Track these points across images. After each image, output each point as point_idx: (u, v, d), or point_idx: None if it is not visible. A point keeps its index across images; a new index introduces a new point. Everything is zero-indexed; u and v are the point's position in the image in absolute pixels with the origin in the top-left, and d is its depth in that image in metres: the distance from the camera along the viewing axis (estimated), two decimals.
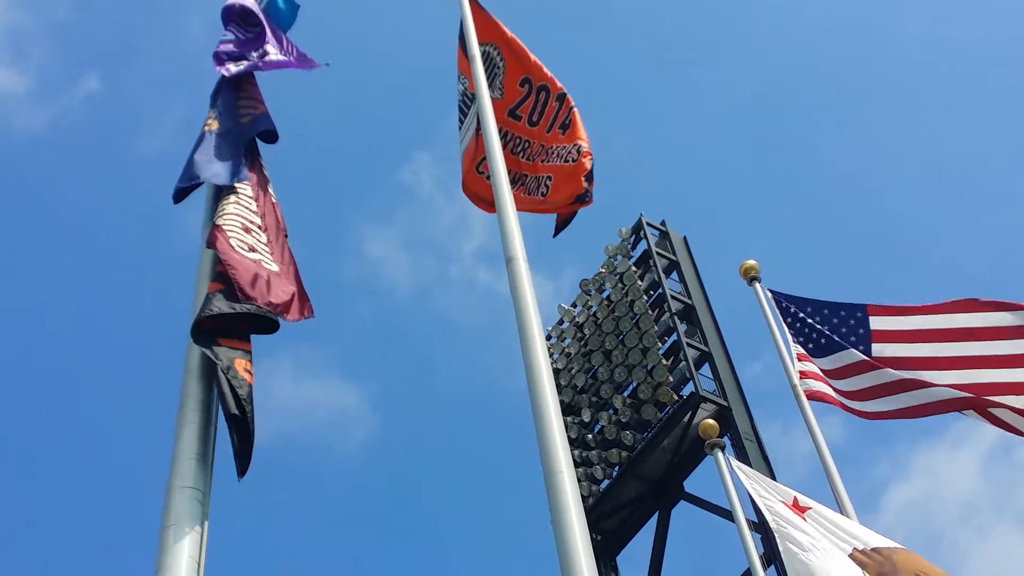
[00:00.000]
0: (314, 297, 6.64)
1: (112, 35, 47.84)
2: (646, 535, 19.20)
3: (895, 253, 47.00)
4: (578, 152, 12.33)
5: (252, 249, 7.12)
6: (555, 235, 12.62)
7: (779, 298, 16.31)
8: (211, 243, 6.91)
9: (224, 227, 7.09)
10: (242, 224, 7.42)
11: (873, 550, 11.26)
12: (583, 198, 11.96)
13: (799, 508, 12.15)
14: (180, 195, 7.94)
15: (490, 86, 13.15)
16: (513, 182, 12.49)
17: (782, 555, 11.44)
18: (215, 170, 7.96)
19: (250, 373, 6.39)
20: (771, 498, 12.48)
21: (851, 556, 11.21)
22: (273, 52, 9.91)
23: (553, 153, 12.79)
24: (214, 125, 8.66)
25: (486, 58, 13.40)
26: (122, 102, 47.99)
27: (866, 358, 15.20)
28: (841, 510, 13.14)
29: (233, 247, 6.92)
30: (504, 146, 13.05)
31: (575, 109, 13.07)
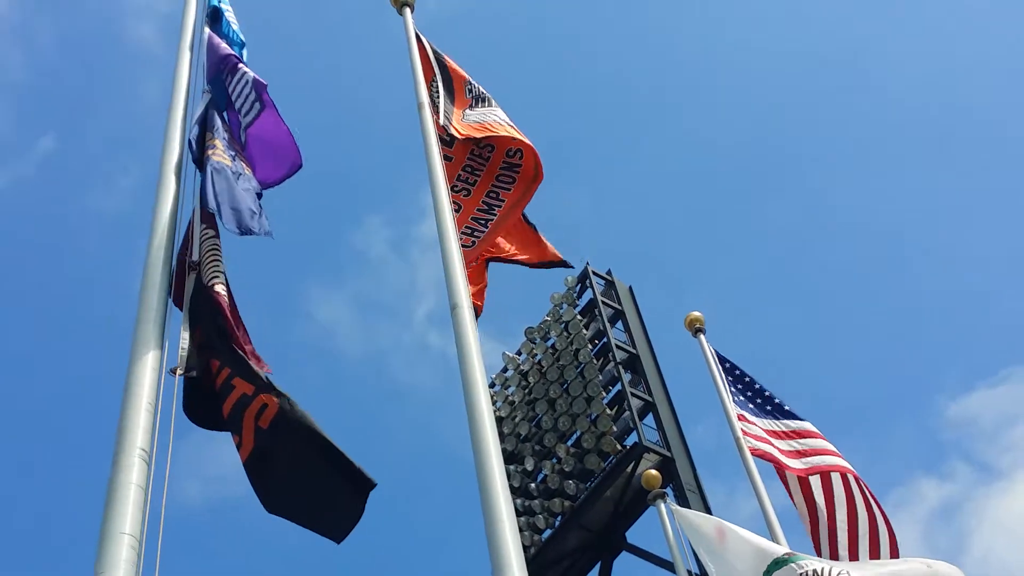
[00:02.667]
0: (265, 358, 6.90)
1: (66, 96, 47.56)
2: None
3: (838, 305, 48.24)
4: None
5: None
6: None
7: (721, 357, 17.22)
8: (225, 311, 7.24)
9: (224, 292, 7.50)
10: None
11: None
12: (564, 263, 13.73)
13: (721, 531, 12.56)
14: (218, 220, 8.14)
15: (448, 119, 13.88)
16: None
17: None
18: (256, 223, 8.20)
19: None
20: (708, 539, 12.83)
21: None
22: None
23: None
24: (225, 160, 8.83)
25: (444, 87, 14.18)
26: (76, 161, 47.81)
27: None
28: None
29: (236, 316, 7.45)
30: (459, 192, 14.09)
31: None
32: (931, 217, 49.57)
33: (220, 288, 7.79)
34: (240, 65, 10.04)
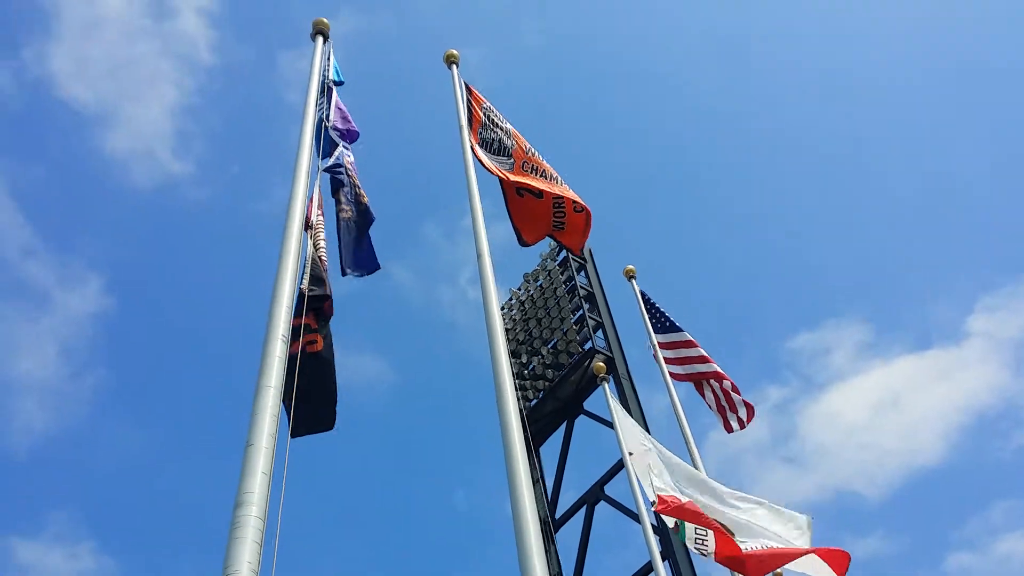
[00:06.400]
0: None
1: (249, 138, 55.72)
2: (559, 435, 23.48)
3: (723, 263, 57.94)
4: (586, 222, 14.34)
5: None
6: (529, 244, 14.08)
7: (645, 296, 21.58)
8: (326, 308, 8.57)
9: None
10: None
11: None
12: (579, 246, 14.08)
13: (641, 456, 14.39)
14: (347, 272, 9.74)
15: (500, 153, 14.45)
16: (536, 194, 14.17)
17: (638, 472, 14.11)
18: (370, 265, 9.74)
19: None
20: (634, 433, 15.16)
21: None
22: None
23: (569, 202, 14.07)
24: (349, 213, 10.22)
25: (490, 123, 14.57)
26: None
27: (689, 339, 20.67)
28: (689, 450, 16.29)
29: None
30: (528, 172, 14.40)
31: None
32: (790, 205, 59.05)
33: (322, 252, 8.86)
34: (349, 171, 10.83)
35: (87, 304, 58.95)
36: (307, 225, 8.94)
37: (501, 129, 14.41)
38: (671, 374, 19.45)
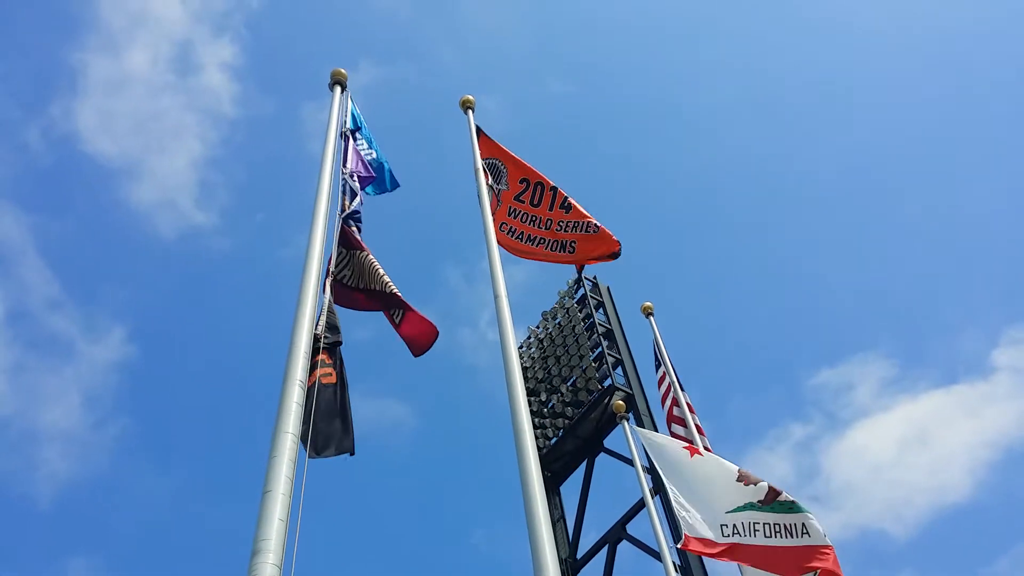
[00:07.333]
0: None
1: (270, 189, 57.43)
2: (579, 474, 23.02)
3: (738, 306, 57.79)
4: (596, 227, 15.38)
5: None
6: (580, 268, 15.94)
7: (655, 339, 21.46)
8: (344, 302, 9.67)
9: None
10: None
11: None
12: (616, 254, 15.10)
13: (693, 449, 14.18)
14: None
15: (498, 182, 15.78)
16: (532, 241, 15.80)
17: (666, 485, 13.93)
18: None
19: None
20: (665, 445, 14.74)
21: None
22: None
23: (567, 225, 15.40)
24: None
25: (492, 168, 15.59)
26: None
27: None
28: None
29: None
30: (515, 218, 15.97)
31: (571, 198, 16.02)
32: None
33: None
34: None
35: (110, 353, 59.73)
36: (327, 272, 9.33)
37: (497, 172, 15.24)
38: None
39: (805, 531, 11.94)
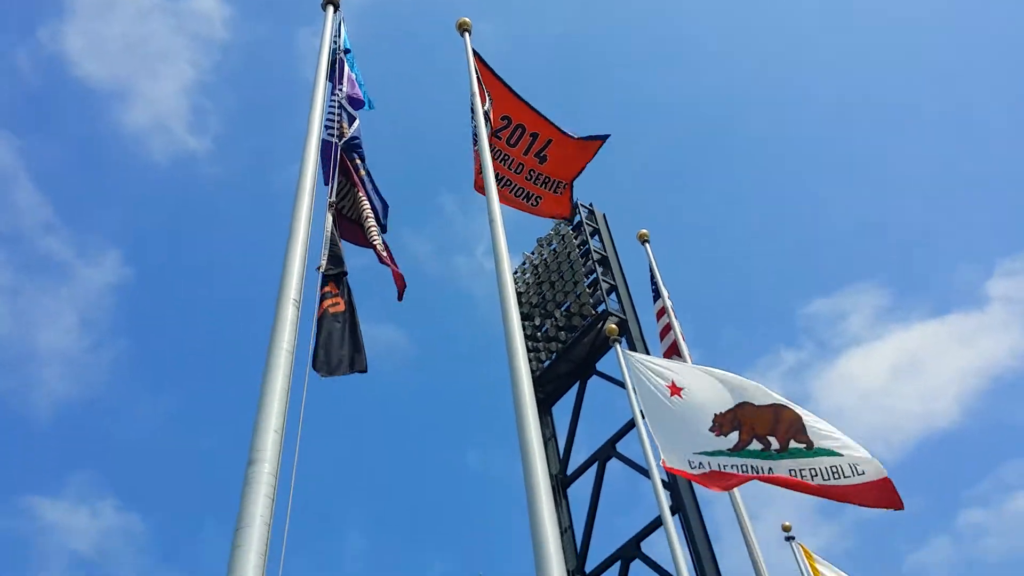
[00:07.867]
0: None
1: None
2: (571, 395, 23.24)
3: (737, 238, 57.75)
4: (564, 188, 15.81)
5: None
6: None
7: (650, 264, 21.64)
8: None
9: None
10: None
11: (739, 406, 12.33)
12: (567, 219, 16.07)
13: (675, 389, 13.82)
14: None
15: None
16: (499, 180, 14.97)
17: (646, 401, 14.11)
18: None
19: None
20: (655, 367, 14.71)
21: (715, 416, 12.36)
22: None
23: (538, 177, 15.64)
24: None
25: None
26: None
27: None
28: None
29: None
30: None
31: (550, 147, 15.85)
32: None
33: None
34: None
35: (106, 276, 59.98)
36: (329, 206, 9.36)
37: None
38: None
39: (844, 472, 11.27)
